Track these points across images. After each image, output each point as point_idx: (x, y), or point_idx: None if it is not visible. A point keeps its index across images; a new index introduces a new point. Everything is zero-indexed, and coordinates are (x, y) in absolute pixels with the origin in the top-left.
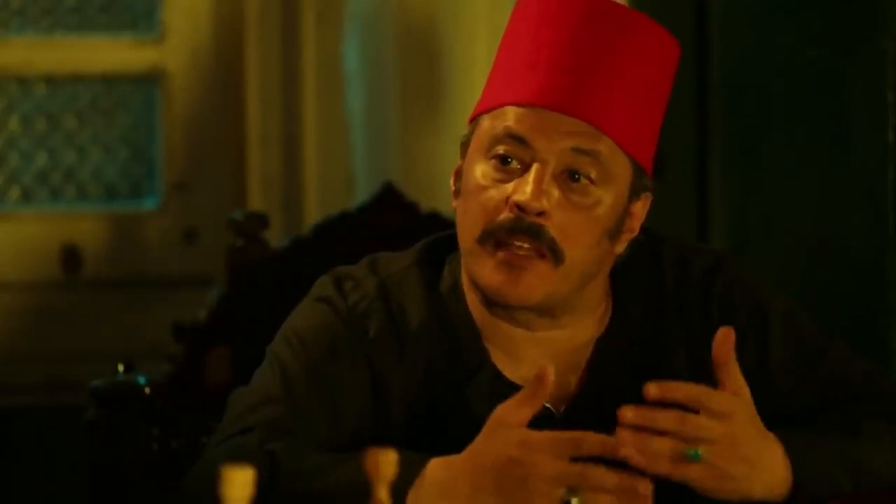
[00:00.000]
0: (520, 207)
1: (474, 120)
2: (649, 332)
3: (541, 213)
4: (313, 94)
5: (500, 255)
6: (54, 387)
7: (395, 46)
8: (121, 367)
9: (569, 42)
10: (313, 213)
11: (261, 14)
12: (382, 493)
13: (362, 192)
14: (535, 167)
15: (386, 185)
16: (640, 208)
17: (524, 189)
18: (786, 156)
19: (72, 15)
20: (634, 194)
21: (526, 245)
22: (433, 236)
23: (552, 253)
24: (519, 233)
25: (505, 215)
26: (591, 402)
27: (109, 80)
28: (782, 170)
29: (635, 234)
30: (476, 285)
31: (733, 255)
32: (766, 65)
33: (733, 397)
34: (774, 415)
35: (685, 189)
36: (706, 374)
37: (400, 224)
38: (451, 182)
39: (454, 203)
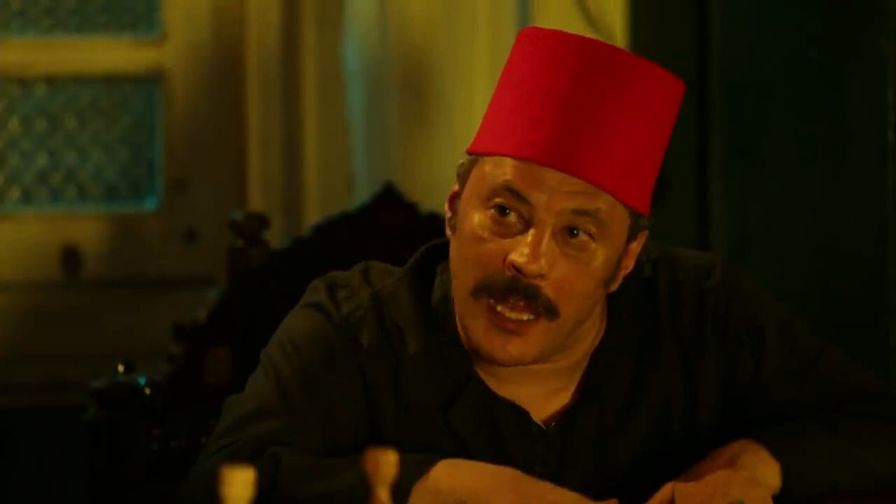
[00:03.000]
0: (517, 268)
1: (474, 155)
2: (643, 345)
3: (538, 276)
4: (313, 95)
5: (495, 318)
6: (54, 387)
7: (394, 47)
8: (121, 368)
9: (573, 95)
10: (313, 213)
11: (261, 15)
12: (383, 494)
13: (362, 193)
14: (533, 229)
15: (386, 185)
16: (637, 246)
17: (522, 251)
18: (786, 156)
19: (72, 15)
20: (632, 237)
21: (521, 304)
22: (427, 246)
23: (547, 311)
24: (515, 293)
25: (501, 274)
26: (583, 417)
27: (110, 81)
28: (782, 170)
29: (629, 270)
30: (468, 338)
31: (728, 265)
32: (766, 65)
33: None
34: (771, 425)
35: (685, 189)
36: (699, 386)
37: (400, 225)
38: (446, 208)
39: (448, 233)
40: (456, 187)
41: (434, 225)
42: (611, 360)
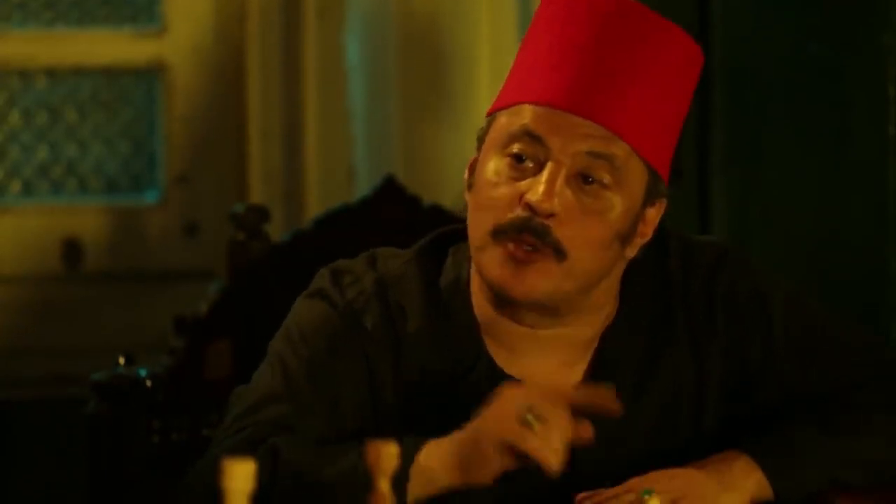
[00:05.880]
0: (530, 207)
1: (492, 115)
2: (656, 325)
3: (550, 216)
4: (314, 87)
5: (510, 246)
6: (55, 380)
7: (395, 39)
8: (122, 361)
9: (593, 45)
10: (314, 206)
11: (262, 7)
12: (384, 486)
13: (363, 186)
14: (548, 167)
15: (387, 178)
16: (655, 214)
17: (536, 189)
18: (787, 150)
19: (73, 8)
20: (649, 200)
21: (530, 241)
22: (438, 231)
23: (556, 252)
24: (526, 231)
25: (516, 213)
26: None
27: (110, 74)
28: (783, 164)
29: (647, 238)
30: (483, 279)
31: (736, 247)
32: (766, 60)
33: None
34: (779, 404)
35: (686, 184)
36: (709, 368)
37: (401, 217)
38: (465, 174)
39: (466, 195)
40: (476, 155)
41: (436, 218)
42: (622, 340)
